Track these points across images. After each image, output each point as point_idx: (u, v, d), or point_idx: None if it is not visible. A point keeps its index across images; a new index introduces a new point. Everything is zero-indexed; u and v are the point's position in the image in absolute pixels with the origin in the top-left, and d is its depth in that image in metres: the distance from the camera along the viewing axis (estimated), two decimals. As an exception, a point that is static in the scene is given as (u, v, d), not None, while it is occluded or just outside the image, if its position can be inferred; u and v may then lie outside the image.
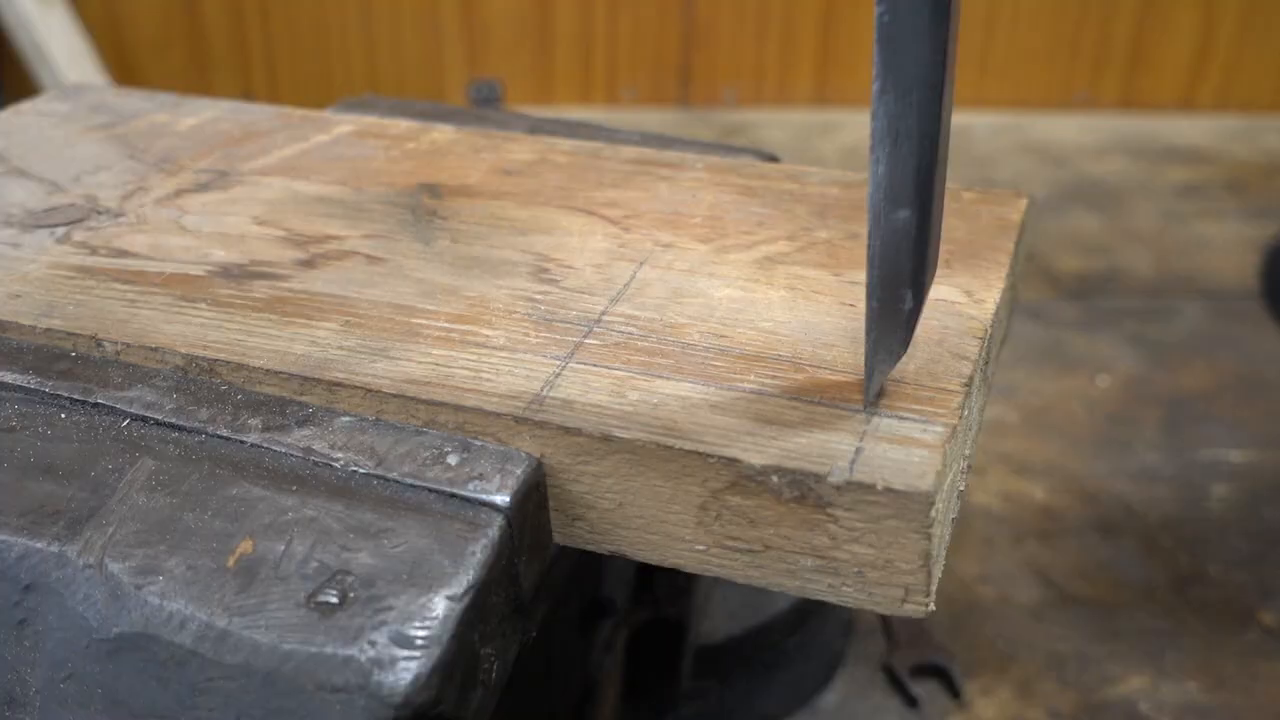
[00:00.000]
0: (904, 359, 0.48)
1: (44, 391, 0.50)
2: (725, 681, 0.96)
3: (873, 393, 0.46)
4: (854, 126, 2.36)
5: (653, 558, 0.47)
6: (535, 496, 0.46)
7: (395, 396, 0.48)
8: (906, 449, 0.43)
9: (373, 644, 0.39)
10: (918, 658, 1.04)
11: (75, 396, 0.50)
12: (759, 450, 0.44)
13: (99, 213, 0.64)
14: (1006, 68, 2.41)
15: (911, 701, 1.02)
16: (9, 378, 0.51)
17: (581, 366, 0.49)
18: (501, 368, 0.49)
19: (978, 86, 2.42)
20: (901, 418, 0.45)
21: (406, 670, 0.38)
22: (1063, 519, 1.25)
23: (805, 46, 2.38)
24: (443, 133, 0.76)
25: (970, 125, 2.38)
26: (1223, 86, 2.44)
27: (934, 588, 0.44)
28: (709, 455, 0.44)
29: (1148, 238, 1.93)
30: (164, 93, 0.85)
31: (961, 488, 0.46)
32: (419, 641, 0.39)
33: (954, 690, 1.02)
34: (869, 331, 0.45)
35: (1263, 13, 2.36)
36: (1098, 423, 1.42)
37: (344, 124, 0.78)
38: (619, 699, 0.84)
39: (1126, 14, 2.36)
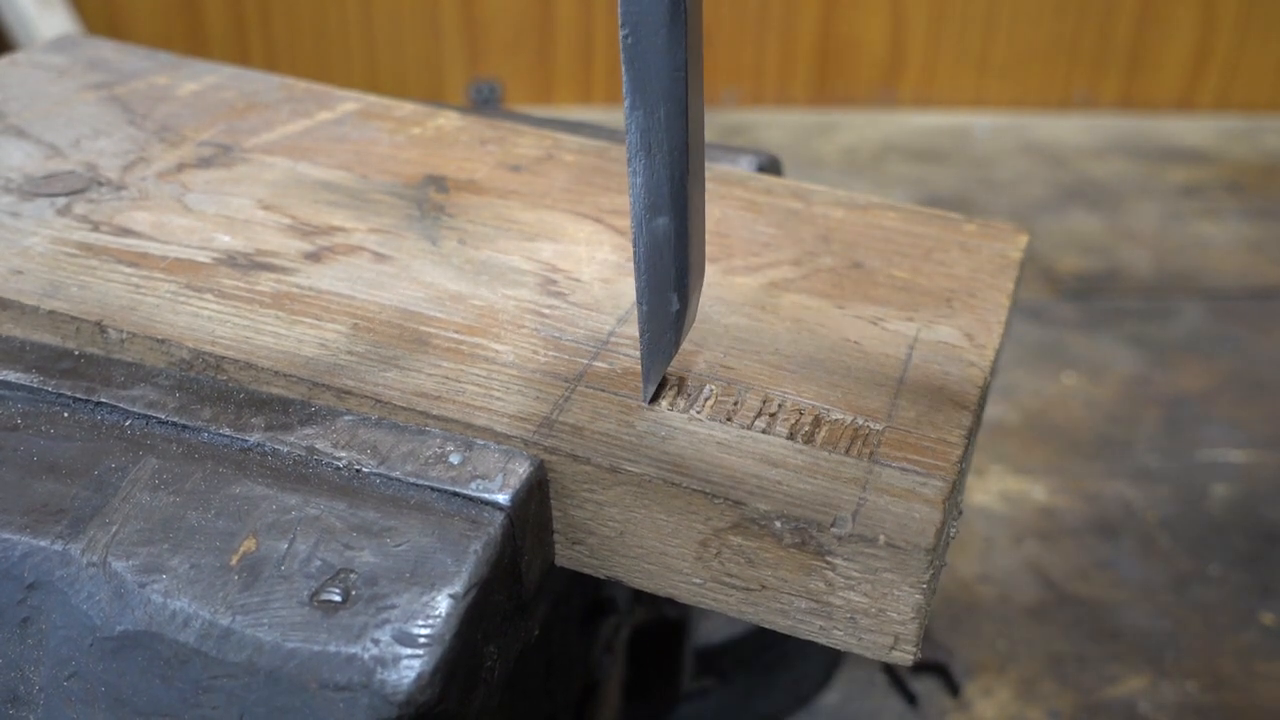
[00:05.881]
0: (906, 405, 0.49)
1: (47, 390, 0.50)
2: (725, 681, 0.96)
3: (648, 394, 0.48)
4: (853, 127, 2.36)
5: (649, 586, 0.48)
6: (537, 495, 0.46)
7: (405, 409, 0.48)
8: (908, 503, 0.44)
9: (376, 642, 0.39)
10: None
11: (78, 395, 0.50)
12: (764, 495, 0.44)
13: (100, 184, 0.64)
14: (1006, 68, 2.41)
15: (911, 699, 1.02)
16: (12, 376, 0.51)
17: (590, 391, 0.49)
18: (511, 386, 0.49)
19: (978, 86, 2.43)
20: (903, 469, 0.46)
21: (409, 669, 0.39)
22: (1063, 519, 1.25)
23: (805, 47, 2.38)
24: (448, 118, 0.76)
25: (970, 125, 2.38)
26: (1223, 86, 2.44)
27: (921, 637, 0.45)
28: (715, 496, 0.44)
29: (1148, 238, 1.93)
30: (163, 51, 0.84)
31: (953, 533, 0.46)
32: (422, 640, 0.39)
33: (953, 688, 1.02)
34: (642, 334, 0.47)
35: (1263, 13, 2.36)
36: (1098, 423, 1.42)
37: (348, 101, 0.78)
38: (619, 699, 0.84)
39: (1126, 14, 2.36)
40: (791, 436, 0.47)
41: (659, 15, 0.41)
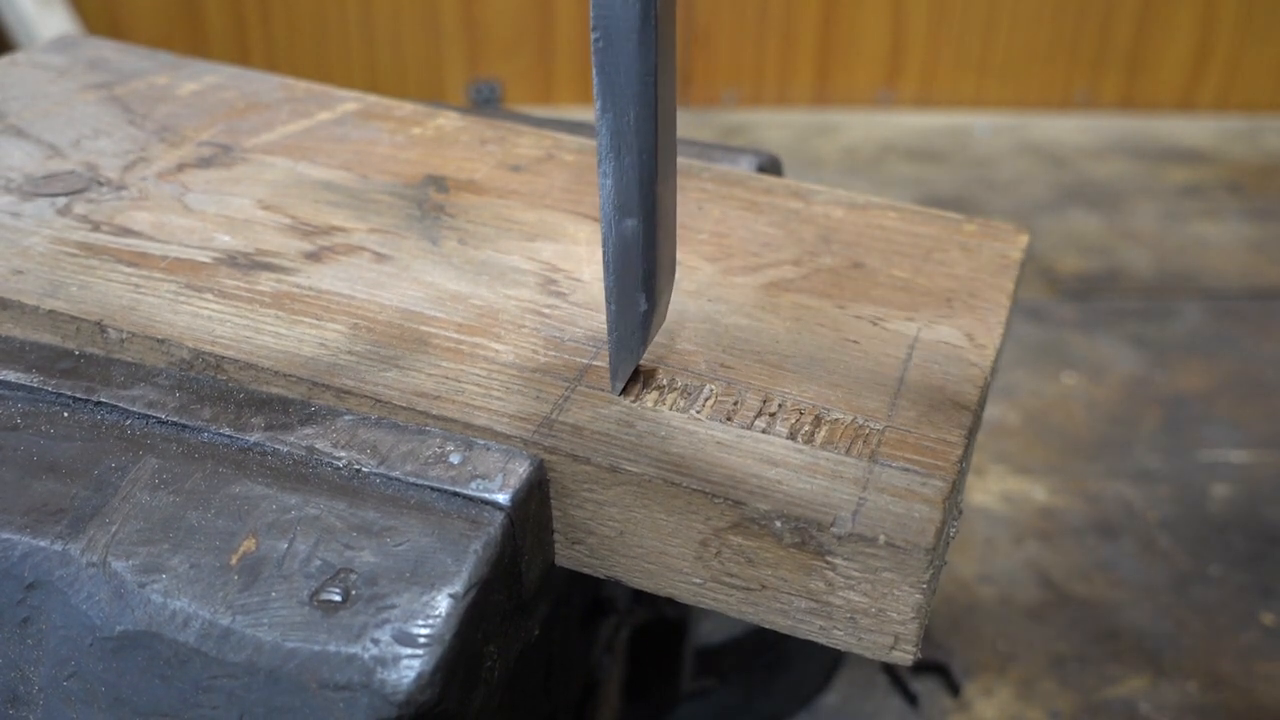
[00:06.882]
0: (906, 405, 0.49)
1: (47, 390, 0.50)
2: (725, 681, 0.96)
3: (618, 389, 0.49)
4: (853, 127, 2.36)
5: (649, 586, 0.48)
6: (537, 495, 0.46)
7: (405, 409, 0.48)
8: (908, 503, 0.44)
9: (376, 642, 0.39)
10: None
11: (78, 395, 0.50)
12: (764, 494, 0.44)
13: (100, 184, 0.64)
14: (1006, 68, 2.41)
15: (911, 699, 1.02)
16: (12, 376, 0.51)
17: (590, 390, 0.49)
18: (511, 386, 0.49)
19: (978, 86, 2.42)
20: (904, 469, 0.46)
21: (409, 668, 0.39)
22: (1063, 519, 1.25)
23: (805, 47, 2.38)
24: (448, 118, 0.76)
25: (970, 125, 2.38)
26: (1223, 86, 2.44)
27: (921, 637, 0.45)
28: (715, 496, 0.44)
29: (1148, 238, 1.93)
30: (163, 51, 0.83)
31: (953, 533, 0.46)
32: (422, 640, 0.39)
33: (953, 688, 1.02)
34: (610, 332, 0.48)
35: (1263, 13, 2.36)
36: (1098, 423, 1.42)
37: (348, 101, 0.78)
38: (619, 699, 0.84)
39: (1126, 14, 2.36)
40: (791, 436, 0.47)
41: (630, 20, 0.41)
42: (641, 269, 0.46)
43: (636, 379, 0.50)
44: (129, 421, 0.49)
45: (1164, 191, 2.12)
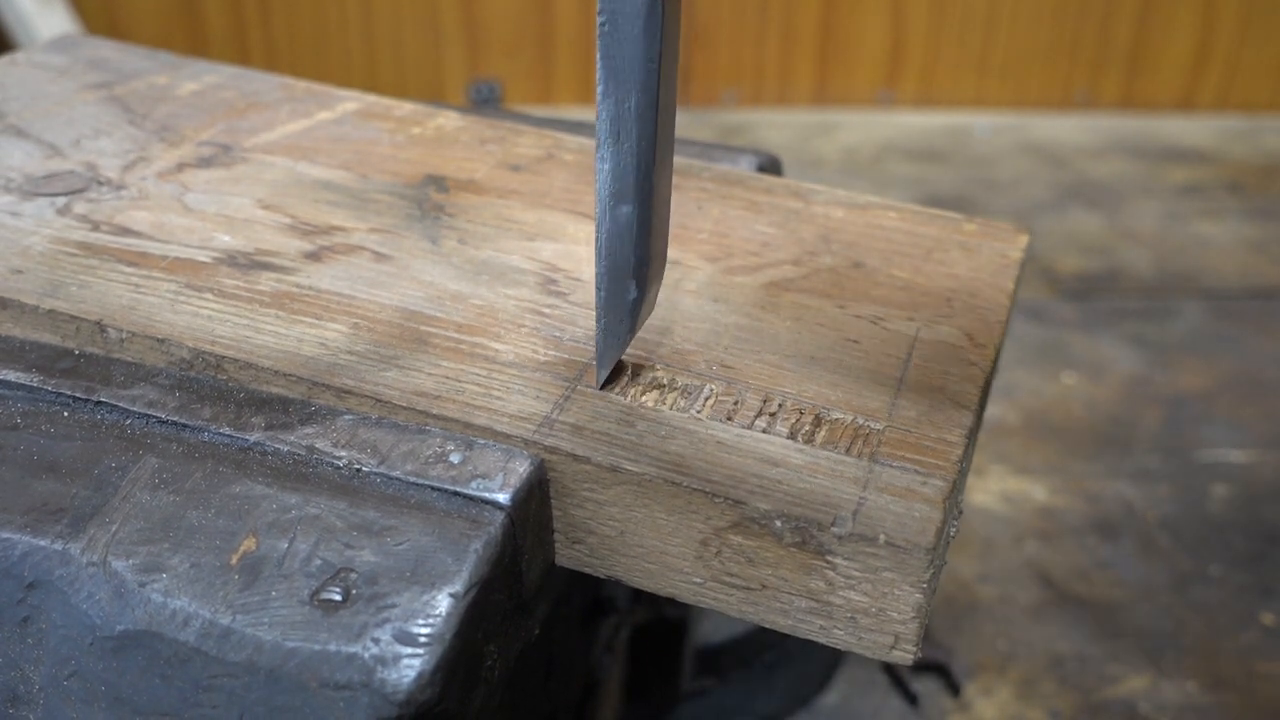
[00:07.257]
0: (906, 404, 0.49)
1: (47, 390, 0.50)
2: (725, 681, 0.96)
3: (602, 379, 0.49)
4: (853, 127, 2.36)
5: (649, 585, 0.48)
6: (538, 495, 0.46)
7: (405, 409, 0.48)
8: (908, 503, 0.44)
9: (376, 641, 0.39)
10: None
11: (78, 395, 0.50)
12: (765, 494, 0.44)
13: (100, 183, 0.64)
14: (1006, 68, 2.41)
15: (911, 699, 1.02)
16: (12, 376, 0.51)
17: (590, 390, 0.49)
18: (511, 385, 0.49)
19: (978, 86, 2.43)
20: (904, 469, 0.46)
21: (410, 668, 0.39)
22: (1063, 519, 1.25)
23: (805, 47, 2.38)
24: (448, 118, 0.76)
25: (970, 125, 2.38)
26: (1223, 86, 2.44)
27: (922, 637, 0.45)
28: (715, 495, 0.44)
29: (1148, 238, 1.93)
30: (163, 51, 0.83)
31: (953, 533, 0.46)
32: (422, 639, 0.39)
33: (953, 688, 1.02)
34: (599, 319, 0.48)
35: (1263, 13, 2.36)
36: (1098, 423, 1.42)
37: (348, 101, 0.78)
38: (619, 699, 0.84)
39: (1126, 14, 2.36)
40: (792, 436, 0.47)
41: (636, 5, 0.41)
42: (634, 256, 0.46)
43: (636, 377, 0.50)
44: (129, 421, 0.49)
45: (1164, 191, 2.12)
